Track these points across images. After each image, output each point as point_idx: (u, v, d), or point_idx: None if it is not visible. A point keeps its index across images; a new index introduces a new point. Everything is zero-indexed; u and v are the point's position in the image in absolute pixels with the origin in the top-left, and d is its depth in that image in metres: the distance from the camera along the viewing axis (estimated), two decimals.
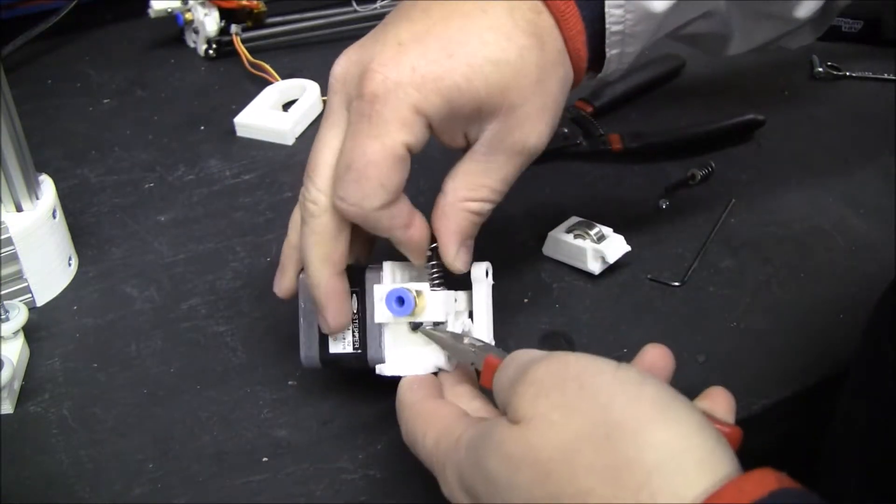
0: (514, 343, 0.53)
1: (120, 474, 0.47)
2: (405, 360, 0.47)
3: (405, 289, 0.46)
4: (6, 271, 0.57)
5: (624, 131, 0.71)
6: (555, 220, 0.61)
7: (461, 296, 0.49)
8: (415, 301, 0.46)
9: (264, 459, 0.48)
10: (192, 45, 0.90)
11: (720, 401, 0.39)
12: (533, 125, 0.45)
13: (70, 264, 0.61)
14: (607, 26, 0.48)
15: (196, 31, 0.88)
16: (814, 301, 0.58)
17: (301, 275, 0.48)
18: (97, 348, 0.56)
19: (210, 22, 0.86)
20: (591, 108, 0.74)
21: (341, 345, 0.48)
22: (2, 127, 0.54)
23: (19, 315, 0.54)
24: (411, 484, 0.46)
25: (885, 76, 0.81)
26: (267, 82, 0.81)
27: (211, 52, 0.87)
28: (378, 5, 0.90)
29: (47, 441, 0.49)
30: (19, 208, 0.57)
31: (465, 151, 0.46)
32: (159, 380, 0.53)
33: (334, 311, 0.46)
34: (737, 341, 0.55)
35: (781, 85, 0.81)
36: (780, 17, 0.57)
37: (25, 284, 0.58)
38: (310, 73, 0.81)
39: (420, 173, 0.47)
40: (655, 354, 0.40)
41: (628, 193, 0.68)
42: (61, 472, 0.48)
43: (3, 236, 0.56)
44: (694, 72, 0.82)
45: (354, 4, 0.90)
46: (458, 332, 0.47)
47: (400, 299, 0.46)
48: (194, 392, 0.52)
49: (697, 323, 0.56)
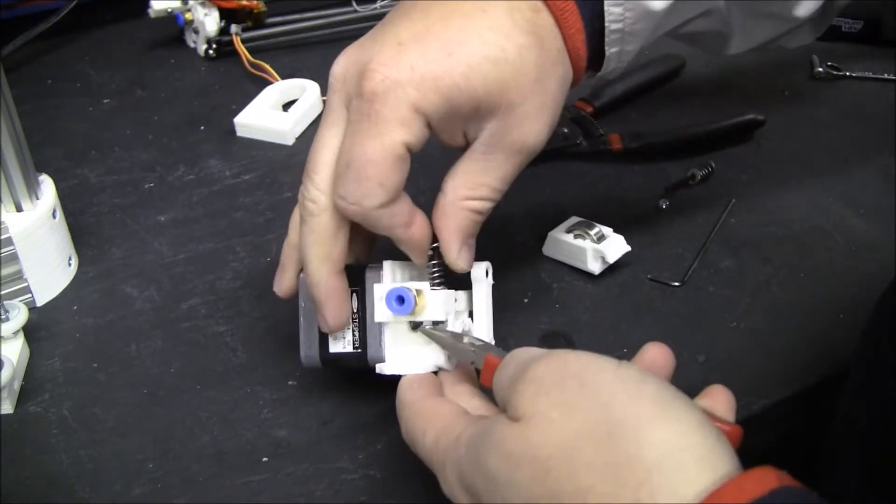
0: (514, 343, 0.53)
1: (120, 474, 0.47)
2: (405, 360, 0.47)
3: (405, 288, 0.46)
4: (6, 271, 0.57)
5: (624, 131, 0.71)
6: (555, 220, 0.61)
7: (461, 295, 0.49)
8: (415, 300, 0.45)
9: (264, 459, 0.48)
10: (192, 45, 0.90)
11: (720, 399, 0.39)
12: (532, 124, 0.45)
13: (70, 264, 0.61)
14: (606, 25, 0.48)
15: (196, 31, 0.88)
16: (814, 301, 0.58)
17: (301, 274, 0.48)
18: (97, 348, 0.56)
19: (210, 22, 0.87)
20: (591, 108, 0.74)
21: (341, 344, 0.48)
22: (2, 127, 0.54)
23: (19, 315, 0.54)
24: (411, 484, 0.46)
25: (885, 76, 0.81)
26: (267, 82, 0.81)
27: (211, 52, 0.87)
28: (378, 5, 0.90)
29: (47, 441, 0.49)
30: (19, 208, 0.57)
31: (465, 150, 0.46)
32: (159, 380, 0.53)
33: (333, 310, 0.46)
34: (737, 341, 0.55)
35: (781, 85, 0.81)
36: (780, 16, 0.57)
37: (25, 284, 0.58)
38: (310, 73, 0.81)
39: (420, 173, 0.48)
40: (656, 353, 0.40)
41: (628, 193, 0.68)
42: (61, 472, 0.48)
43: (3, 236, 0.56)
44: (694, 72, 0.82)
45: (354, 4, 0.90)
46: (458, 331, 0.47)
47: (400, 298, 0.46)
48: (194, 392, 0.52)
49: (697, 323, 0.56)
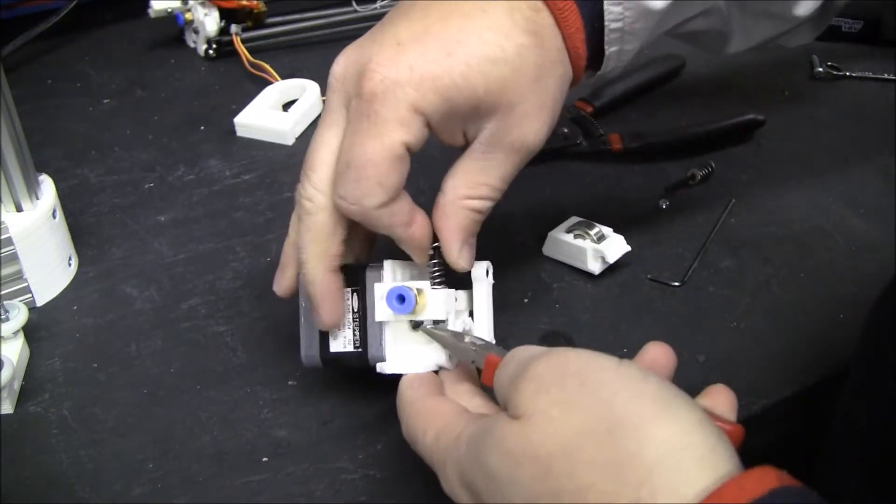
0: (515, 342, 0.52)
1: (120, 474, 0.47)
2: (406, 359, 0.47)
3: (406, 287, 0.46)
4: (6, 271, 0.57)
5: (624, 131, 0.71)
6: (555, 220, 0.61)
7: (461, 295, 0.49)
8: (416, 299, 0.45)
9: (264, 459, 0.48)
10: (192, 45, 0.90)
11: (722, 399, 0.39)
12: (531, 123, 0.45)
13: (70, 264, 0.61)
14: (606, 24, 0.48)
15: (196, 31, 0.88)
16: (814, 301, 0.57)
17: (301, 273, 0.48)
18: (97, 348, 0.56)
19: (210, 22, 0.86)
20: (591, 108, 0.74)
21: (342, 343, 0.48)
22: (2, 127, 0.54)
23: (19, 315, 0.54)
24: (411, 483, 0.46)
25: (885, 76, 0.81)
26: (267, 82, 0.81)
27: (211, 52, 0.87)
28: (378, 5, 0.90)
29: (47, 441, 0.49)
30: (19, 208, 0.57)
31: (464, 150, 0.46)
32: (159, 380, 0.53)
33: (328, 308, 0.47)
34: (737, 341, 0.55)
35: (781, 85, 0.81)
36: (780, 15, 0.57)
37: (25, 284, 0.58)
38: (310, 73, 0.81)
39: (420, 173, 0.48)
40: (657, 352, 0.40)
41: (628, 193, 0.68)
42: (61, 472, 0.48)
43: (3, 236, 0.56)
44: (694, 72, 0.82)
45: (354, 4, 0.90)
46: (458, 330, 0.47)
47: (401, 297, 0.46)
48: (194, 392, 0.52)
49: (697, 323, 0.56)
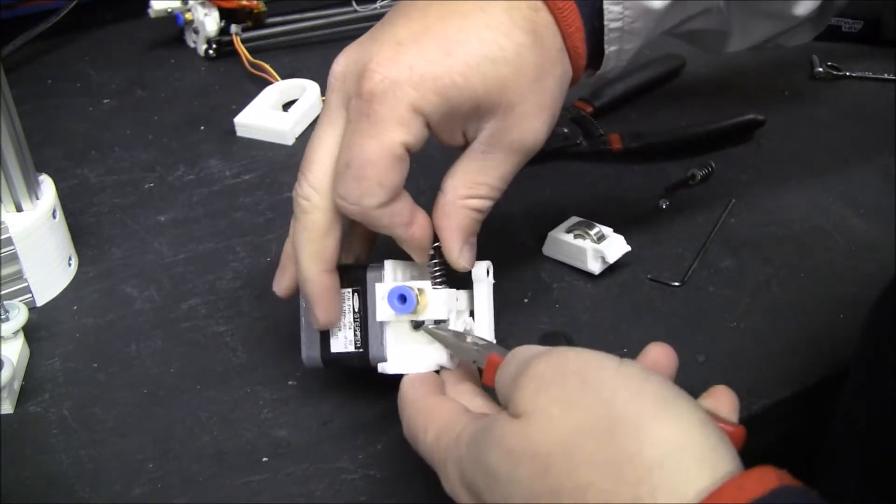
0: (515, 342, 0.52)
1: (120, 474, 0.47)
2: (407, 359, 0.47)
3: (407, 287, 0.46)
4: (6, 271, 0.57)
5: (624, 131, 0.71)
6: (555, 220, 0.61)
7: (462, 295, 0.49)
8: (417, 299, 0.45)
9: (264, 459, 0.48)
10: (192, 45, 0.90)
11: (724, 400, 0.39)
12: (531, 123, 0.45)
13: (70, 264, 0.61)
14: (605, 23, 0.48)
15: (196, 31, 0.88)
16: (814, 301, 0.57)
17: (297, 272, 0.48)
18: (97, 348, 0.56)
19: (210, 22, 0.86)
20: (591, 108, 0.74)
21: (343, 344, 0.48)
22: (2, 127, 0.54)
23: (19, 315, 0.54)
24: (411, 484, 0.46)
25: (885, 76, 0.81)
26: (267, 82, 0.81)
27: (211, 52, 0.87)
28: (378, 5, 0.90)
29: (47, 441, 0.49)
30: (19, 208, 0.57)
31: (464, 150, 0.46)
32: (159, 380, 0.53)
33: (324, 308, 0.47)
34: (737, 341, 0.55)
35: (781, 85, 0.81)
36: (779, 14, 0.57)
37: (25, 284, 0.58)
38: (310, 73, 0.81)
39: (420, 172, 0.48)
40: (659, 353, 0.40)
41: (628, 193, 0.68)
42: (61, 472, 0.48)
43: (3, 236, 0.56)
44: (694, 71, 0.82)
45: (354, 4, 0.90)
46: (459, 330, 0.47)
47: (402, 297, 0.46)
48: (194, 392, 0.52)
49: (697, 323, 0.56)
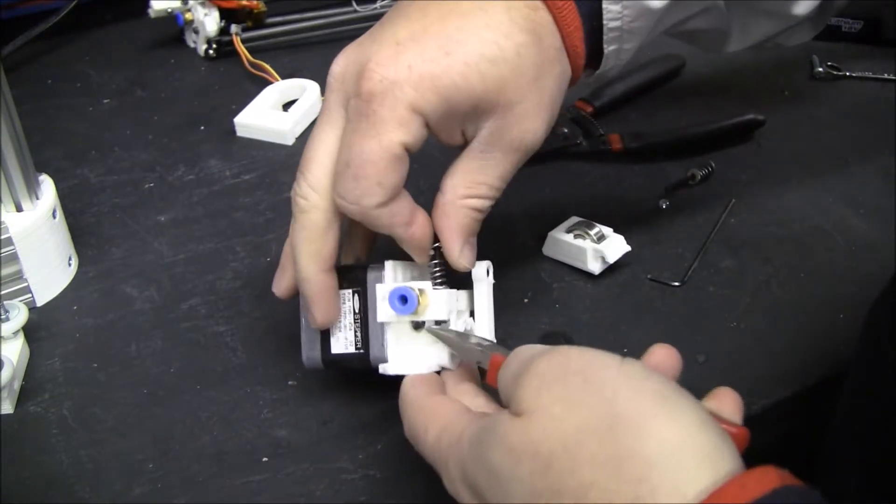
0: (515, 342, 0.52)
1: (120, 474, 0.47)
2: (408, 359, 0.47)
3: (408, 287, 0.46)
4: (6, 271, 0.57)
5: (624, 131, 0.71)
6: (555, 220, 0.61)
7: (462, 295, 0.49)
8: (418, 299, 0.45)
9: (264, 459, 0.48)
10: (192, 45, 0.90)
11: (727, 401, 0.39)
12: (530, 122, 0.45)
13: (70, 264, 0.61)
14: (605, 22, 0.48)
15: (196, 31, 0.88)
16: (814, 301, 0.58)
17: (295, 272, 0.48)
18: (97, 348, 0.56)
19: (210, 22, 0.86)
20: (591, 108, 0.74)
21: (343, 345, 0.48)
22: (2, 127, 0.54)
23: (19, 315, 0.54)
24: (412, 484, 0.46)
25: (885, 76, 0.81)
26: (267, 82, 0.81)
27: (211, 52, 0.87)
28: (378, 5, 0.90)
29: (47, 441, 0.49)
30: (19, 208, 0.57)
31: (463, 149, 0.46)
32: (159, 380, 0.53)
33: (322, 308, 0.46)
34: (737, 341, 0.55)
35: (781, 85, 0.81)
36: (779, 14, 0.57)
37: (25, 284, 0.58)
38: (310, 73, 0.81)
39: (419, 172, 0.48)
40: (663, 354, 0.40)
41: (628, 193, 0.68)
42: (61, 472, 0.48)
43: (3, 236, 0.56)
44: (694, 71, 0.82)
45: (354, 4, 0.90)
46: (460, 330, 0.47)
47: (403, 298, 0.46)
48: (194, 392, 0.52)
49: (697, 323, 0.56)
